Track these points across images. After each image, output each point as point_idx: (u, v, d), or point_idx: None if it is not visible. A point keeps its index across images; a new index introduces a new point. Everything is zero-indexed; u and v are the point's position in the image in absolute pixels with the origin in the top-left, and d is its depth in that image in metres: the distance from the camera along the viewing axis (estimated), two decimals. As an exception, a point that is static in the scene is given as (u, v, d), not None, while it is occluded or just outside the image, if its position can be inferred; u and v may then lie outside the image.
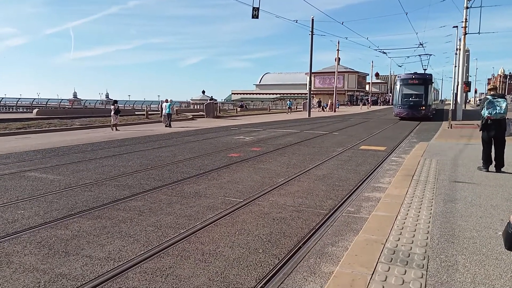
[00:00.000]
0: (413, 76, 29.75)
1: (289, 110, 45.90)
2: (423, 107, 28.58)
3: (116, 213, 5.68)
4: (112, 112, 20.62)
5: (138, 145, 13.70)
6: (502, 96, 7.91)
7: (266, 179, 8.01)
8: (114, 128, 20.49)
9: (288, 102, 49.84)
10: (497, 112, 7.64)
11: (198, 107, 43.52)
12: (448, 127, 20.39)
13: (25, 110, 41.69)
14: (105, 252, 4.29)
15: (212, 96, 41.30)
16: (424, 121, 27.34)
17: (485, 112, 7.75)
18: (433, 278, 3.33)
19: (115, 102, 22.05)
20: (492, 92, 7.94)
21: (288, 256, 4.17)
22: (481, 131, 8.13)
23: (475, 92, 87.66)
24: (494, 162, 7.99)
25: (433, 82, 30.37)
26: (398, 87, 30.29)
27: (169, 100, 24.38)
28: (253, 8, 21.62)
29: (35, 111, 29.95)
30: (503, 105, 7.63)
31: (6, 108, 47.43)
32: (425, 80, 29.38)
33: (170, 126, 22.85)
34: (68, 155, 11.23)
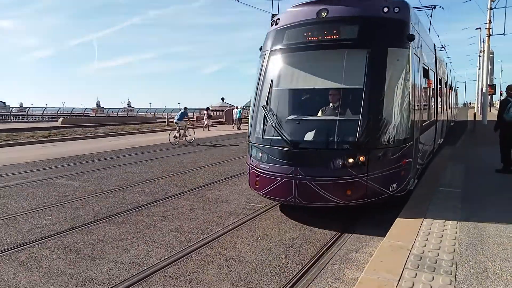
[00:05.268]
0: (323, 11, 5.43)
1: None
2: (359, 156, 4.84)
3: (140, 219, 5.77)
4: (205, 116, 27.49)
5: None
6: None
7: (287, 185, 7.96)
8: (206, 128, 26.13)
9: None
10: None
11: (218, 114, 43.77)
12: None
13: (51, 119, 42.90)
14: (130, 256, 4.36)
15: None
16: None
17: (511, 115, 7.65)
18: (463, 285, 3.23)
19: (208, 108, 28.85)
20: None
21: (312, 262, 4.14)
22: (500, 134, 8.09)
23: (501, 94, 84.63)
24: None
25: (413, 36, 5.15)
26: (262, 67, 5.94)
27: (238, 106, 30.47)
28: (272, 14, 21.75)
29: (60, 120, 30.75)
30: None
31: (33, 117, 48.93)
32: (370, 26, 5.21)
33: (240, 128, 27.09)
34: (92, 162, 11.49)
